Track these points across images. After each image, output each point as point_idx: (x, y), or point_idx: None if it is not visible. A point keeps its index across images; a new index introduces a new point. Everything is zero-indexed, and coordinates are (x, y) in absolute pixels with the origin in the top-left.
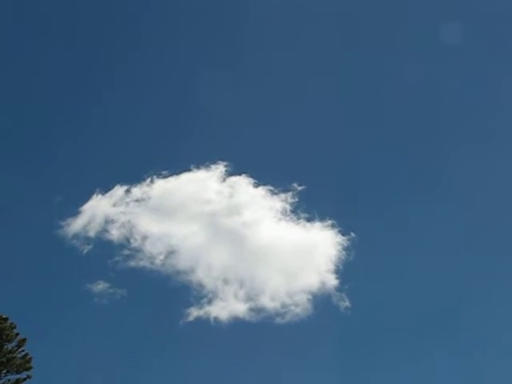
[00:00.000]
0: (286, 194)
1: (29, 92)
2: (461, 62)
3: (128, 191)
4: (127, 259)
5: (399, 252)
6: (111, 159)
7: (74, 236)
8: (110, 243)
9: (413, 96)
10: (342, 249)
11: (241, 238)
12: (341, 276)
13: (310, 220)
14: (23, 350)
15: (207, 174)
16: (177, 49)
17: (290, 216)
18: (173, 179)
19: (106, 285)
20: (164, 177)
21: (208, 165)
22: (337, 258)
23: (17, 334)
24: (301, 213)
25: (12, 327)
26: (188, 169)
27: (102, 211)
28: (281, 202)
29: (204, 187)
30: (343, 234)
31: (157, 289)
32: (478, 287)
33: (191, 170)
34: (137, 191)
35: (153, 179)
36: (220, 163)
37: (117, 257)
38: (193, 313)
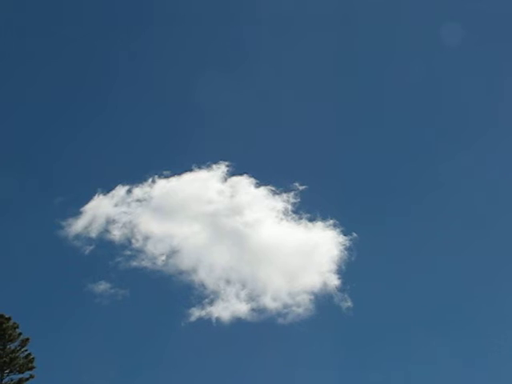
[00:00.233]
0: (288, 194)
1: (30, 92)
2: (461, 63)
3: (129, 191)
4: (129, 259)
5: (401, 252)
6: (113, 159)
7: (76, 236)
8: (112, 243)
9: (413, 96)
10: (344, 249)
11: (242, 238)
12: (343, 276)
13: (312, 220)
14: (26, 350)
15: (209, 174)
16: (179, 50)
17: (292, 216)
18: (174, 179)
19: (108, 285)
20: (166, 177)
21: (210, 165)
22: (339, 258)
23: (19, 334)
24: (302, 213)
25: (14, 327)
26: (189, 169)
27: (104, 211)
28: (282, 202)
29: (206, 187)
30: (345, 234)
31: (159, 289)
32: (480, 287)
33: (193, 170)
34: (138, 191)
35: (154, 179)
36: (222, 163)
37: (118, 257)
38: (195, 313)
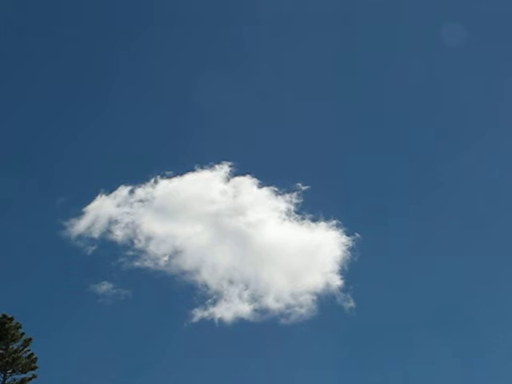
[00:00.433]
0: (291, 195)
1: (30, 92)
2: (461, 63)
3: (132, 192)
4: (131, 260)
5: (403, 252)
6: (115, 160)
7: (78, 237)
8: (114, 244)
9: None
10: (347, 249)
11: (245, 239)
12: (345, 276)
13: (315, 220)
14: (28, 350)
15: (211, 175)
16: (179, 50)
17: (295, 216)
18: (177, 179)
19: (111, 285)
20: (168, 177)
21: (212, 165)
22: (341, 259)
23: (22, 334)
24: (305, 213)
25: (17, 327)
26: (192, 169)
27: (106, 212)
28: (285, 203)
29: (208, 187)
30: (348, 235)
31: (161, 290)
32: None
33: (195, 171)
34: (141, 192)
35: (157, 179)
36: (224, 163)
37: (121, 257)
38: (197, 314)
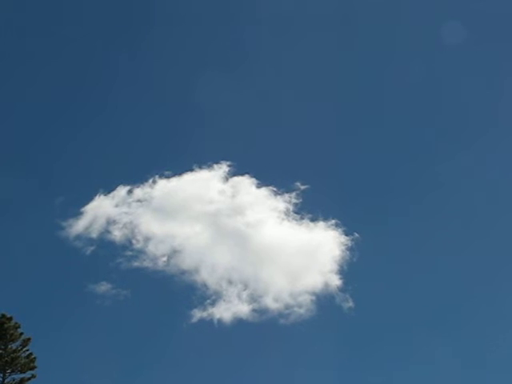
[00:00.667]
0: (290, 194)
1: (30, 92)
2: (461, 62)
3: (130, 192)
4: (130, 260)
5: (402, 252)
6: (113, 159)
7: (77, 237)
8: (113, 244)
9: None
10: (346, 249)
11: (244, 239)
12: (344, 276)
13: (314, 220)
14: (27, 350)
15: (210, 174)
16: (179, 50)
17: (294, 216)
18: (175, 179)
19: (109, 286)
20: (166, 177)
21: (211, 165)
22: (340, 258)
23: (21, 334)
24: (304, 213)
25: (16, 327)
26: (190, 169)
27: (105, 212)
28: (284, 203)
29: (207, 187)
30: (347, 234)
31: (160, 290)
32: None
33: (194, 170)
34: (139, 192)
35: (155, 179)
36: (223, 163)
37: (119, 258)
38: (196, 314)
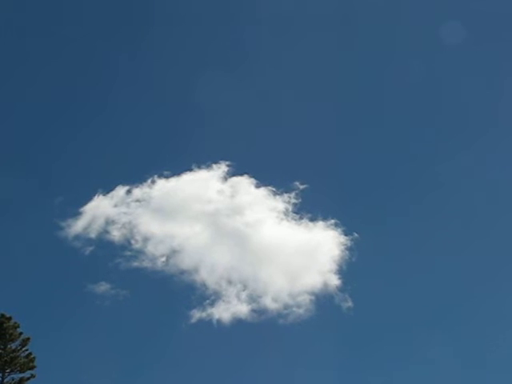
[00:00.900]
0: (289, 194)
1: (30, 92)
2: (461, 62)
3: (129, 192)
4: (129, 260)
5: (402, 252)
6: (113, 159)
7: (76, 237)
8: (112, 244)
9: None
10: (345, 249)
11: (243, 239)
12: (343, 276)
13: (313, 219)
14: (27, 350)
15: (209, 174)
16: (179, 50)
17: (293, 216)
18: (174, 179)
19: (108, 286)
20: (165, 177)
21: (210, 165)
22: (340, 258)
23: (20, 334)
24: (303, 213)
25: (15, 326)
26: (189, 169)
27: (104, 212)
28: (283, 203)
29: (206, 187)
30: (346, 234)
31: (160, 290)
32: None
33: (193, 170)
34: (138, 192)
35: (154, 179)
36: (222, 163)
37: (118, 258)
38: (195, 315)
